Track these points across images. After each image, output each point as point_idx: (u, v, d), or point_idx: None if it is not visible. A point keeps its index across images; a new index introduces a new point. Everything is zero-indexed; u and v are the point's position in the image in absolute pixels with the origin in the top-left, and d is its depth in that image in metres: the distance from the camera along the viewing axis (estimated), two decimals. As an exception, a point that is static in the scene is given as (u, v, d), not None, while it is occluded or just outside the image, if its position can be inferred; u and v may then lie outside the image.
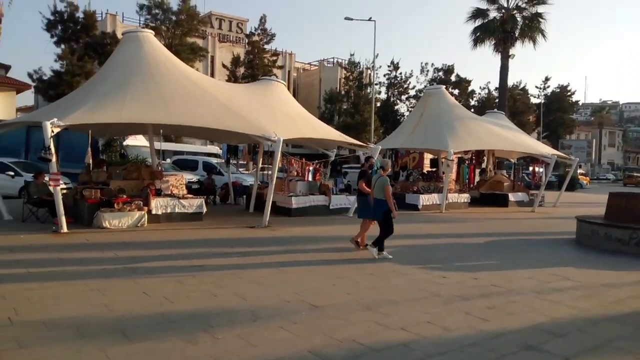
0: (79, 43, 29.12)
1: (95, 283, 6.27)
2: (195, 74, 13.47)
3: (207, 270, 7.19)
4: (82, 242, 9.08)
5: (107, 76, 11.88)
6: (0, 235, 9.35)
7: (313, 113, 41.18)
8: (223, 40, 48.48)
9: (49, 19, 28.47)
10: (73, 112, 10.04)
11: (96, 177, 12.09)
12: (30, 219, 11.15)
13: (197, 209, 12.17)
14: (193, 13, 33.38)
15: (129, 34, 12.80)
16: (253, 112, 12.09)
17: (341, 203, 14.77)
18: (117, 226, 10.70)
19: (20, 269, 6.87)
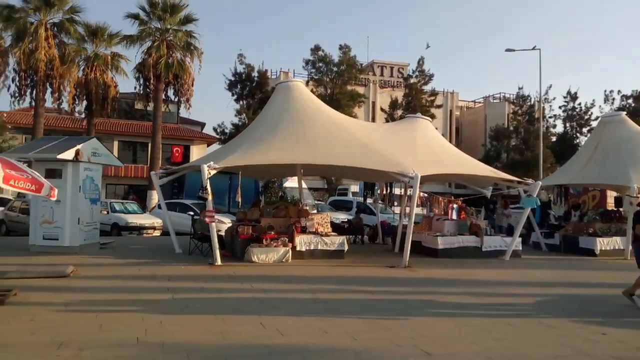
0: (254, 98, 32.84)
1: (222, 311, 6.62)
2: (337, 115, 13.96)
3: (330, 307, 7.07)
4: (229, 274, 9.80)
5: (261, 123, 13.05)
6: (167, 265, 10.66)
7: (477, 151, 39.53)
8: (384, 86, 49.90)
9: (231, 79, 32.88)
10: (228, 156, 11.16)
11: (250, 215, 13.13)
12: (195, 252, 12.50)
13: (339, 247, 12.27)
14: (352, 63, 35.22)
15: (281, 84, 13.96)
16: (392, 149, 11.95)
17: (495, 245, 13.43)
18: (264, 261, 11.34)
19: (166, 294, 7.67)
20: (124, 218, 18.34)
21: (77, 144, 12.32)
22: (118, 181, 35.87)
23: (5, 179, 6.47)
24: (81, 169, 12.39)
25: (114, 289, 7.96)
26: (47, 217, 12.16)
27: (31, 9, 25.60)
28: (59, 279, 8.63)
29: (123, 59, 28.97)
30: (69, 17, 26.53)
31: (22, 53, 24.79)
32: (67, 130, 30.19)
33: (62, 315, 6.23)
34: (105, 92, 27.67)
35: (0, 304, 6.49)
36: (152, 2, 26.89)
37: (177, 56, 27.61)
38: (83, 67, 27.51)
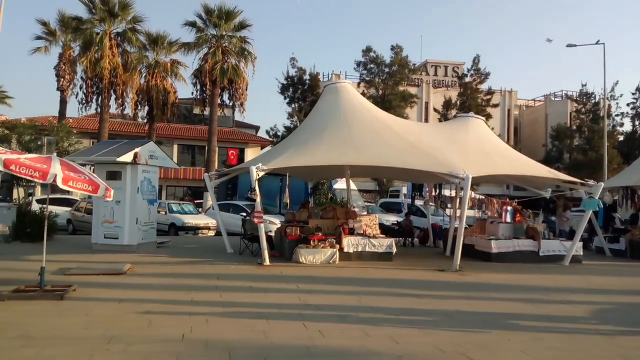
0: (306, 101, 33.11)
1: (267, 311, 6.70)
2: (385, 116, 13.79)
3: (374, 310, 6.98)
4: (276, 274, 9.91)
5: (309, 125, 13.12)
6: (217, 264, 10.94)
7: (538, 152, 37.81)
8: (438, 85, 48.82)
9: (283, 83, 33.36)
10: (276, 158, 11.31)
11: (298, 216, 13.23)
12: (245, 252, 12.75)
13: (387, 249, 12.10)
14: (404, 63, 34.73)
15: (329, 86, 13.98)
16: (442, 149, 11.65)
17: (554, 249, 12.76)
18: (311, 262, 11.38)
19: (215, 293, 7.86)
20: (180, 218, 19.02)
21: (135, 147, 12.91)
22: (177, 183, 37.33)
23: (65, 180, 6.88)
24: (139, 171, 12.96)
25: (165, 287, 8.25)
26: (107, 217, 12.81)
27: (97, 20, 27.15)
28: (116, 276, 9.06)
29: (182, 66, 30.14)
30: (131, 26, 27.91)
31: (89, 62, 26.33)
32: (130, 135, 31.76)
33: (115, 311, 6.53)
34: (165, 98, 28.87)
35: (60, 299, 6.89)
36: (208, 10, 27.79)
37: (231, 61, 28.36)
38: (144, 74, 28.84)
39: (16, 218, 13.82)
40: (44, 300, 6.87)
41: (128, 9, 27.16)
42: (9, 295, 6.89)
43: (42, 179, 6.75)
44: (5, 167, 6.53)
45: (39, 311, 6.32)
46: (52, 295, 6.98)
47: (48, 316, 6.11)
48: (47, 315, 6.16)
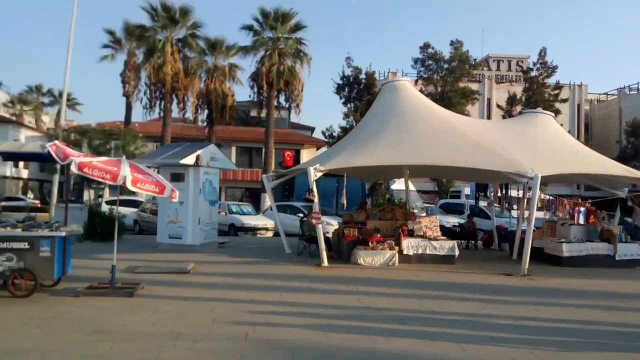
0: (362, 101, 32.93)
1: (327, 312, 6.64)
2: (446, 113, 13.37)
3: (437, 314, 6.75)
4: (334, 275, 9.85)
5: (366, 124, 12.98)
6: (276, 265, 11.03)
7: (611, 149, 35.48)
8: (501, 81, 47.03)
9: (338, 83, 33.34)
10: (332, 159, 11.26)
11: (356, 217, 13.12)
12: (303, 253, 12.78)
13: (449, 252, 11.72)
14: (465, 59, 33.76)
15: (387, 84, 13.76)
16: (508, 147, 11.14)
17: (632, 253, 11.89)
18: (370, 263, 11.23)
19: (275, 293, 7.90)
20: (239, 219, 19.43)
21: (197, 150, 13.29)
22: (236, 185, 38.22)
23: (134, 181, 7.16)
24: (201, 172, 13.33)
25: (227, 286, 8.41)
26: (172, 217, 13.27)
27: (159, 27, 28.29)
28: (180, 274, 9.34)
29: (239, 69, 30.85)
30: (191, 32, 28.87)
31: (152, 68, 27.50)
32: (191, 138, 32.81)
33: (181, 308, 6.71)
34: (224, 101, 29.65)
35: (130, 296, 7.18)
36: (264, 13, 28.25)
37: (287, 63, 28.66)
38: (204, 78, 29.76)
39: (87, 218, 14.61)
40: (115, 297, 7.18)
41: (188, 15, 28.11)
42: (83, 292, 7.26)
43: (113, 181, 7.06)
44: (79, 169, 6.89)
45: (111, 307, 6.60)
46: (123, 293, 7.28)
47: (119, 312, 6.36)
48: (118, 311, 6.42)
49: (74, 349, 4.87)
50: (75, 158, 6.95)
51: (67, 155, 6.93)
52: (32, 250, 6.98)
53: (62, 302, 6.83)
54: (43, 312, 6.27)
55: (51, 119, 54.75)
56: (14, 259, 6.92)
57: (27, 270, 6.94)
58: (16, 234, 7.01)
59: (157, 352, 4.79)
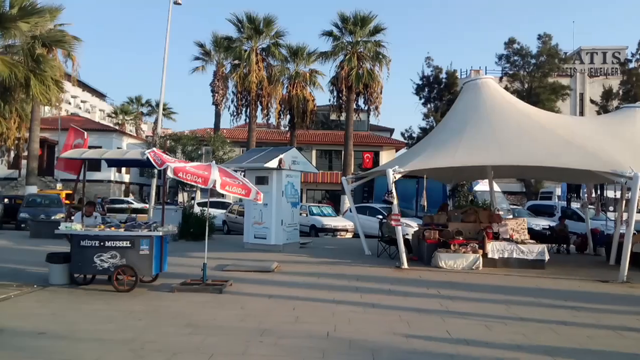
0: (442, 101, 32.15)
1: (407, 315, 6.63)
2: (534, 111, 12.69)
3: (524, 321, 6.48)
4: (415, 278, 9.76)
5: (447, 124, 12.70)
6: (356, 266, 11.13)
7: None
8: (595, 74, 43.74)
9: (418, 83, 32.82)
10: (412, 160, 11.15)
11: (437, 219, 12.86)
12: (383, 254, 12.78)
13: (538, 256, 11.14)
14: (554, 53, 31.81)
15: (469, 83, 13.36)
16: (603, 145, 10.36)
17: None
18: (451, 267, 10.98)
19: (356, 294, 8.01)
20: (320, 220, 19.80)
21: (280, 154, 13.79)
22: (316, 187, 38.92)
23: (222, 185, 7.62)
24: (284, 175, 13.80)
25: (309, 285, 8.65)
26: (257, 218, 13.87)
27: (245, 38, 29.62)
28: (265, 273, 9.76)
29: (319, 75, 31.44)
30: (274, 41, 29.91)
31: (239, 77, 28.86)
32: (274, 142, 33.97)
33: (266, 306, 7.03)
34: (305, 106, 30.35)
35: (219, 293, 7.64)
36: (344, 18, 28.55)
37: (366, 66, 28.74)
38: (286, 85, 30.69)
39: (181, 219, 15.66)
40: (205, 293, 7.68)
41: (271, 25, 29.15)
42: (178, 288, 7.83)
43: (204, 185, 7.57)
44: (175, 174, 7.46)
45: (202, 302, 7.07)
46: (213, 289, 7.77)
47: (210, 307, 6.81)
48: (209, 306, 6.87)
49: (171, 340, 5.29)
50: (170, 164, 7.54)
51: (163, 161, 7.54)
52: (133, 248, 7.65)
53: (159, 297, 7.42)
54: (143, 305, 6.86)
55: (149, 127, 59.42)
56: (117, 256, 7.64)
57: (128, 267, 7.62)
58: (120, 234, 7.73)
59: (244, 347, 5.08)
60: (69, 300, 7.08)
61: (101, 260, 7.59)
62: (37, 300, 7.06)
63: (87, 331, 5.53)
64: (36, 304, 6.84)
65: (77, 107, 59.31)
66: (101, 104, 67.07)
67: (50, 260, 8.06)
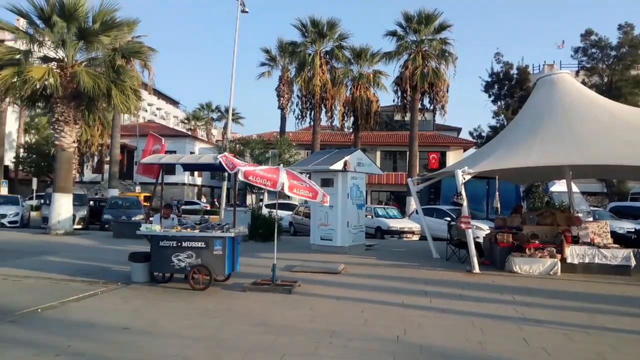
0: (513, 97, 30.81)
1: (481, 321, 6.41)
2: (616, 106, 11.82)
3: (609, 331, 6.06)
4: (487, 283, 9.41)
5: (520, 123, 12.15)
6: (424, 269, 10.92)
7: None
8: (685, 64, 40.06)
9: (487, 81, 31.66)
10: (482, 161, 10.77)
11: (510, 221, 12.33)
12: (452, 258, 12.44)
13: (623, 261, 10.38)
14: (636, 43, 29.52)
15: (543, 78, 12.73)
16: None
17: None
18: (527, 272, 10.48)
19: (425, 298, 7.86)
20: (386, 222, 19.63)
21: (345, 156, 13.83)
22: (380, 188, 38.62)
23: (290, 187, 7.77)
24: (349, 177, 13.83)
25: (377, 288, 8.59)
26: (323, 220, 14.00)
27: (309, 42, 30.04)
28: (332, 274, 9.82)
29: (383, 75, 31.22)
30: (337, 44, 30.08)
31: (303, 81, 29.29)
32: (338, 144, 34.13)
33: (334, 307, 7.07)
34: (369, 107, 30.25)
35: (288, 293, 7.78)
36: (407, 17, 28.16)
37: (431, 65, 28.17)
38: (350, 86, 30.75)
39: (251, 221, 16.12)
40: (275, 293, 7.85)
41: (335, 27, 29.32)
42: (249, 287, 8.06)
43: (273, 187, 7.75)
44: (245, 177, 7.70)
45: (272, 302, 7.24)
46: (282, 289, 7.93)
47: (280, 307, 6.95)
48: (278, 306, 7.02)
49: (244, 338, 5.46)
50: (241, 167, 7.79)
51: (234, 165, 7.80)
52: (207, 248, 7.98)
53: (231, 296, 7.68)
54: (217, 304, 7.12)
55: (219, 132, 61.77)
56: (193, 256, 8.00)
57: (203, 266, 7.95)
58: (195, 235, 8.09)
59: (314, 348, 5.14)
60: (150, 297, 7.51)
61: (178, 259, 7.98)
62: (121, 296, 7.54)
63: (166, 327, 5.83)
64: (120, 300, 7.31)
65: (153, 114, 62.88)
66: (175, 111, 70.62)
67: (132, 259, 8.58)
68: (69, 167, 17.77)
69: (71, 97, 16.94)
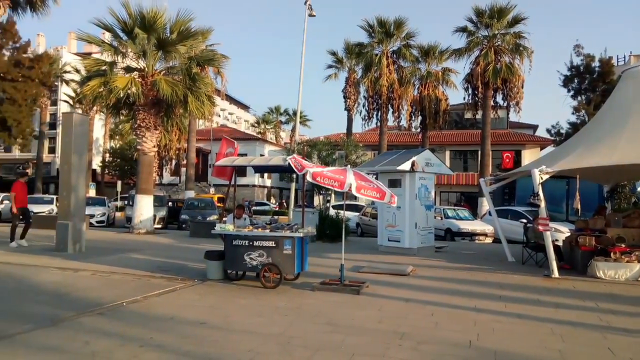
0: (595, 92, 28.80)
1: (561, 329, 6.07)
2: None
3: None
4: (567, 288, 8.89)
5: (603, 118, 11.38)
6: (498, 273, 10.50)
7: None
8: None
9: (566, 75, 29.84)
10: (562, 159, 10.19)
11: (593, 224, 11.55)
12: (529, 262, 11.86)
13: None
14: None
15: (630, 71, 11.82)
16: None
17: None
18: (612, 277, 9.77)
19: (499, 302, 7.56)
20: (456, 224, 19.08)
21: (412, 156, 13.62)
22: (450, 189, 37.62)
23: (358, 188, 7.79)
24: (417, 178, 13.60)
25: (447, 291, 8.39)
26: (390, 221, 13.87)
27: (375, 42, 29.92)
28: (400, 276, 9.70)
29: (452, 73, 30.47)
30: (404, 43, 29.72)
31: (369, 81, 29.23)
32: (405, 145, 33.60)
33: (403, 309, 6.99)
34: (437, 106, 29.63)
35: (356, 294, 7.79)
36: (479, 12, 27.28)
37: (505, 60, 27.11)
38: (417, 85, 30.26)
39: (318, 221, 16.31)
40: (343, 293, 7.89)
41: (402, 26, 29.00)
42: (318, 287, 8.17)
43: (340, 188, 7.81)
44: (313, 178, 7.82)
45: (341, 302, 7.28)
46: (350, 290, 7.96)
47: (348, 308, 6.98)
48: (346, 306, 7.05)
49: (313, 337, 5.54)
50: (309, 169, 7.92)
51: (303, 167, 7.95)
52: (277, 248, 8.18)
53: (301, 295, 7.82)
54: (287, 302, 7.28)
55: (287, 134, 63.10)
56: (264, 255, 8.23)
57: (274, 265, 8.16)
58: (266, 234, 8.32)
59: (384, 349, 5.11)
60: (224, 294, 7.82)
61: (250, 258, 8.25)
62: (197, 292, 7.92)
63: (240, 323, 6.05)
64: (197, 296, 7.68)
65: (225, 118, 65.46)
66: (245, 115, 73.05)
67: (207, 257, 8.98)
68: (150, 170, 18.90)
69: (151, 105, 18.03)
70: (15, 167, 46.04)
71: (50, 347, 4.97)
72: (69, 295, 7.48)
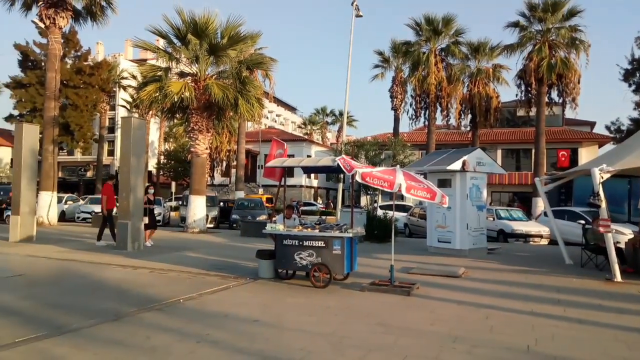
0: (660, 85, 27.12)
1: (626, 336, 5.78)
2: None
3: None
4: (631, 293, 8.43)
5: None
6: (555, 276, 10.09)
7: None
8: None
9: (626, 68, 28.26)
10: (624, 158, 9.68)
11: (660, 226, 10.89)
12: (589, 265, 11.33)
13: None
14: None
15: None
16: None
17: None
18: (682, 283, 9.19)
19: (557, 307, 7.27)
20: (509, 225, 18.48)
21: (463, 156, 13.33)
22: (502, 189, 36.46)
23: (408, 188, 7.72)
24: (468, 178, 13.29)
25: (501, 294, 8.16)
26: (440, 222, 13.63)
27: (423, 40, 29.49)
28: (451, 278, 9.52)
29: (504, 69, 29.58)
30: (453, 40, 29.10)
31: (417, 80, 28.83)
32: (454, 144, 32.97)
33: (456, 312, 6.86)
34: (488, 104, 28.84)
35: (407, 295, 7.72)
36: (531, 6, 26.36)
37: (560, 55, 26.04)
38: (467, 83, 29.56)
39: (366, 222, 16.25)
40: (393, 294, 7.84)
41: (451, 23, 28.42)
42: (368, 287, 8.15)
43: (390, 188, 7.77)
44: (362, 179, 7.82)
45: (391, 303, 7.24)
46: (401, 291, 7.89)
47: (398, 309, 6.94)
48: (397, 307, 7.01)
49: (365, 337, 5.54)
50: (358, 169, 7.93)
51: (352, 167, 7.97)
52: (326, 248, 8.23)
53: (351, 295, 7.83)
54: (337, 302, 7.32)
55: (333, 135, 63.33)
56: (314, 255, 8.31)
57: (323, 265, 8.22)
58: (316, 234, 8.40)
59: (437, 352, 5.05)
60: (276, 292, 7.96)
61: (300, 257, 8.36)
62: (250, 291, 8.11)
63: (292, 322, 6.14)
64: (249, 294, 7.86)
65: (273, 120, 66.42)
66: (292, 116, 73.83)
67: (259, 256, 9.17)
68: (202, 171, 19.50)
69: (204, 108, 18.58)
70: (77, 169, 48.75)
71: (115, 340, 5.23)
72: (130, 291, 7.85)
